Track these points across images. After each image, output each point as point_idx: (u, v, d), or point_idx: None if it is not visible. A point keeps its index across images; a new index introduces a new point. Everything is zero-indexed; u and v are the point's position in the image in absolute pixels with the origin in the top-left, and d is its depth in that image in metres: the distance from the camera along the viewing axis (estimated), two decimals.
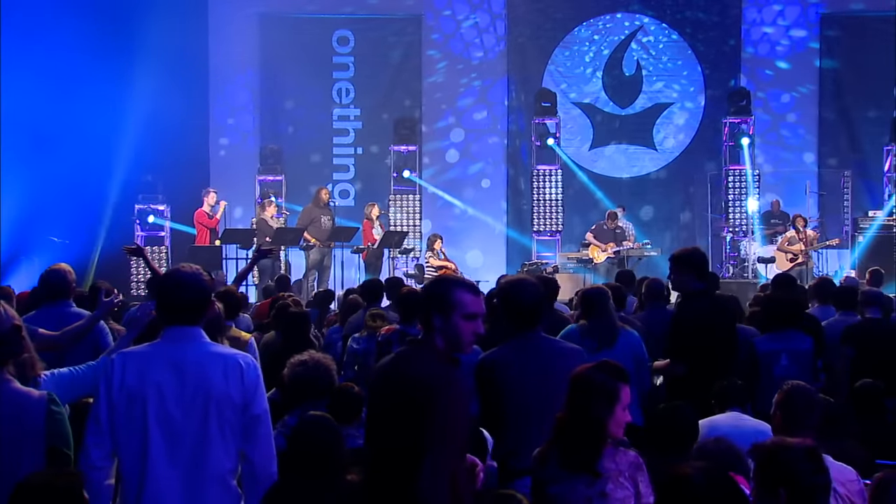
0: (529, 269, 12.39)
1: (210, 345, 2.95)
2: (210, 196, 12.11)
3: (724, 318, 4.85)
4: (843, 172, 14.74)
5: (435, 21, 16.05)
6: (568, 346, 3.83)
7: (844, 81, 15.56)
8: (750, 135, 14.47)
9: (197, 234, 11.95)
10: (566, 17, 15.86)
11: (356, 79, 15.81)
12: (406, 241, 13.10)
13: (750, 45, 15.84)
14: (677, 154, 15.93)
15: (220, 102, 15.73)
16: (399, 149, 14.72)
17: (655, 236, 15.29)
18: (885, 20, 15.47)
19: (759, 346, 5.27)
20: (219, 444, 2.84)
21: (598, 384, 2.90)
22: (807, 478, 2.36)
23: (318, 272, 11.81)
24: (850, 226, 14.06)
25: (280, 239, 11.50)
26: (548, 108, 14.80)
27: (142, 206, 12.78)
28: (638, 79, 15.97)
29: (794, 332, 5.27)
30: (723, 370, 4.66)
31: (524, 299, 3.71)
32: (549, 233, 14.67)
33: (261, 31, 15.60)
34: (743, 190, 14.25)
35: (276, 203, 13.05)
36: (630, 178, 15.93)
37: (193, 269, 2.94)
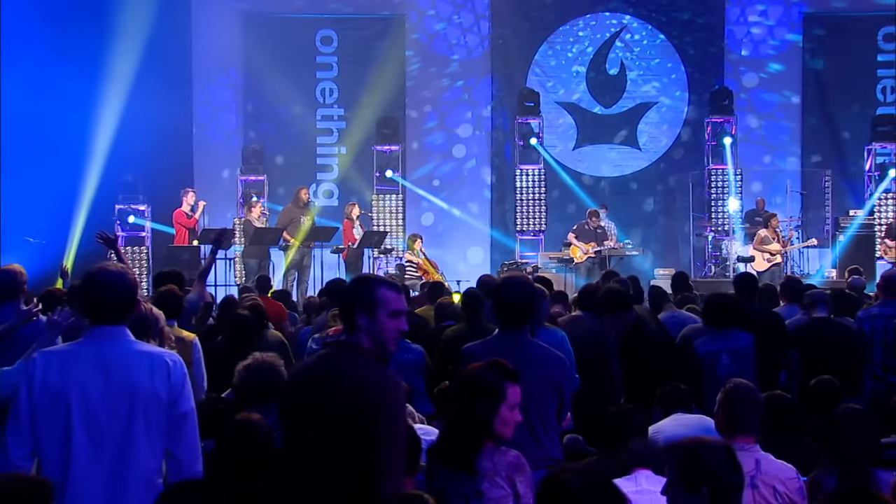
0: (509, 269, 12.38)
1: (136, 343, 2.94)
2: (189, 196, 12.09)
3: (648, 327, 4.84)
4: (825, 172, 14.76)
5: (419, 21, 16.03)
6: (552, 354, 3.79)
7: (827, 81, 15.59)
8: (732, 134, 14.49)
9: (176, 234, 11.92)
10: (550, 16, 15.86)
11: (340, 79, 15.79)
12: (386, 241, 13.09)
13: (733, 44, 15.86)
14: (661, 154, 15.94)
15: (204, 102, 15.70)
16: (382, 149, 14.71)
17: (638, 236, 15.32)
18: (867, 20, 15.54)
19: (699, 347, 5.28)
20: (144, 442, 2.82)
21: (485, 383, 2.88)
22: (727, 476, 2.38)
23: (298, 272, 11.79)
24: (830, 225, 14.08)
25: (260, 239, 11.47)
26: (531, 108, 14.81)
27: (122, 206, 12.75)
28: (622, 78, 15.98)
29: (733, 331, 5.27)
30: (662, 375, 4.66)
31: (514, 297, 3.70)
32: (532, 232, 14.68)
33: (244, 30, 15.56)
34: (725, 189, 14.26)
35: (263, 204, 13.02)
36: (614, 177, 15.94)
37: (118, 268, 2.93)
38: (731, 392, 3.48)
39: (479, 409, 2.84)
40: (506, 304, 3.66)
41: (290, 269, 11.76)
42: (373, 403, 2.62)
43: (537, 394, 3.53)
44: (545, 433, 3.51)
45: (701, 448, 2.41)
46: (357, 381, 2.65)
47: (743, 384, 3.51)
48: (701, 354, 5.35)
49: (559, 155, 15.85)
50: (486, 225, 15.81)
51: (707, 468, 2.37)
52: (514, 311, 3.64)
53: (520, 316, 3.64)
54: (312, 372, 2.77)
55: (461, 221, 15.65)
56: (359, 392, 2.64)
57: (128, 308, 2.90)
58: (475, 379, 2.91)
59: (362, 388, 2.64)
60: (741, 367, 5.31)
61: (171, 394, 2.87)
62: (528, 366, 3.53)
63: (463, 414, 2.88)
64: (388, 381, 2.70)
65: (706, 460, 2.38)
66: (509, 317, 3.65)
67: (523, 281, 3.81)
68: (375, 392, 2.63)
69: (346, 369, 2.69)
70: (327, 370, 2.73)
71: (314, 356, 2.85)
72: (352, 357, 2.72)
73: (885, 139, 14.19)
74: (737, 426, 3.45)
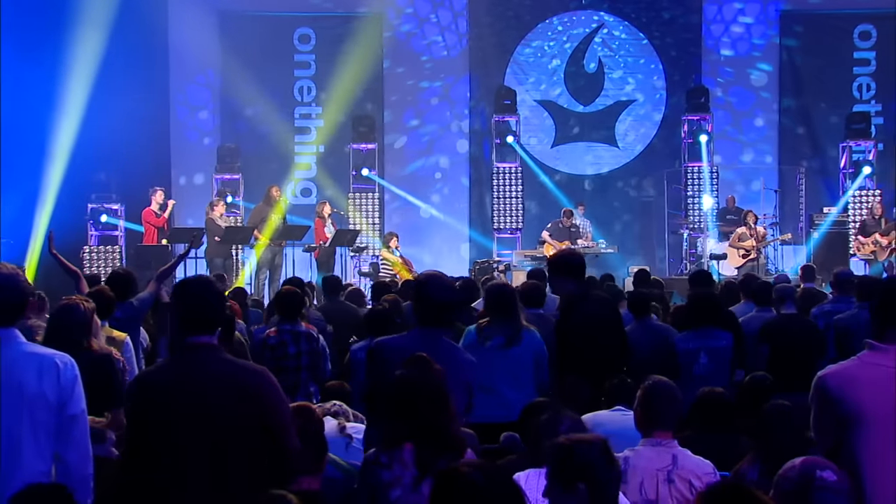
0: (481, 268, 12.39)
1: (26, 345, 2.92)
2: (158, 195, 12.06)
3: (605, 319, 4.80)
4: (799, 169, 14.80)
5: (396, 19, 16.02)
6: (465, 357, 3.78)
7: (804, 78, 15.64)
8: (708, 132, 14.51)
9: (145, 233, 11.90)
10: (528, 14, 15.86)
11: (318, 77, 15.75)
12: (359, 240, 13.08)
13: (711, 42, 15.88)
14: (639, 152, 15.96)
15: (181, 101, 15.67)
16: (358, 147, 14.70)
17: (616, 234, 15.35)
18: (843, 17, 15.59)
19: (678, 344, 5.29)
20: (31, 445, 2.80)
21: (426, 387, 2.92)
22: (603, 470, 2.39)
23: (270, 271, 11.78)
24: (804, 222, 14.13)
25: (230, 238, 11.46)
26: (508, 106, 14.82)
27: (94, 206, 12.72)
28: (600, 76, 16.00)
29: (712, 330, 5.29)
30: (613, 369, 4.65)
31: (434, 296, 3.70)
32: (509, 230, 14.69)
33: (221, 29, 15.52)
34: (701, 187, 14.29)
35: (232, 202, 12.99)
36: (592, 175, 15.95)
37: (9, 270, 2.92)
38: (649, 388, 3.49)
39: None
40: (426, 302, 3.66)
41: (261, 268, 11.75)
42: (262, 390, 2.76)
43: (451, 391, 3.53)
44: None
45: (575, 445, 2.41)
46: (241, 373, 2.79)
47: (662, 381, 3.52)
48: (679, 352, 5.36)
49: (537, 153, 15.86)
50: (465, 223, 15.82)
51: (582, 464, 2.37)
52: (434, 309, 3.63)
53: (439, 315, 3.63)
54: (184, 378, 2.79)
55: (439, 220, 15.65)
56: (245, 385, 2.78)
57: (20, 309, 2.89)
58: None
59: (248, 380, 2.79)
60: (718, 367, 5.34)
61: (60, 396, 2.84)
62: (444, 366, 3.52)
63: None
64: (257, 370, 2.86)
65: (581, 456, 2.38)
66: (428, 315, 3.65)
67: (445, 280, 3.81)
68: (262, 379, 2.76)
69: (223, 367, 2.82)
70: (204, 374, 2.79)
71: (163, 365, 2.88)
72: (220, 357, 2.84)
73: (859, 137, 14.24)
74: (654, 422, 3.46)
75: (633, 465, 3.40)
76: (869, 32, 15.57)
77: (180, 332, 2.86)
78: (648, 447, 3.43)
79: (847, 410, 2.78)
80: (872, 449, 2.74)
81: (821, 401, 2.85)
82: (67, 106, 12.61)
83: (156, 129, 14.85)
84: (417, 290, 3.79)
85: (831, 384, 2.82)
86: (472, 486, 2.04)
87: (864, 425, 2.75)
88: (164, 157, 15.13)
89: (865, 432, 2.75)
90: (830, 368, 2.93)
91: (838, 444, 2.83)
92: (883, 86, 15.48)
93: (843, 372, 2.86)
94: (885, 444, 2.73)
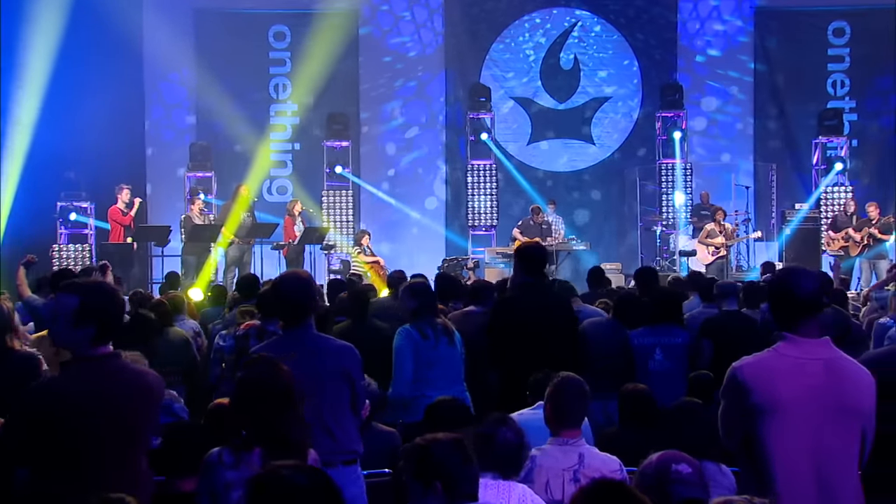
0: (450, 265, 12.40)
1: None
2: (124, 193, 12.02)
3: (546, 311, 4.78)
4: (771, 165, 14.84)
5: (372, 16, 16.00)
6: (341, 344, 3.76)
7: (779, 75, 15.67)
8: (682, 129, 14.53)
9: (111, 231, 11.87)
10: (503, 11, 15.85)
11: (293, 74, 15.71)
12: (328, 238, 13.07)
13: (686, 39, 15.90)
14: (615, 148, 15.97)
15: (156, 99, 15.63)
16: (332, 144, 14.68)
17: (592, 230, 15.38)
18: (817, 14, 15.63)
19: (634, 339, 5.30)
20: None
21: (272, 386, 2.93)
22: (459, 468, 2.40)
23: (238, 269, 11.76)
24: (776, 218, 14.17)
25: (197, 236, 11.43)
26: (482, 103, 14.82)
27: (64, 204, 12.69)
28: (576, 73, 16.01)
29: (668, 326, 5.30)
30: (552, 363, 4.63)
31: (290, 293, 3.67)
32: (484, 227, 14.69)
33: (196, 26, 15.50)
34: (674, 183, 14.32)
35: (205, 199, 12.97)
36: (568, 172, 15.97)
37: None
38: (557, 385, 3.49)
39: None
40: (283, 300, 3.66)
41: (230, 266, 11.73)
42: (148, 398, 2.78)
43: (327, 386, 3.53)
44: (338, 425, 3.51)
45: (430, 445, 2.42)
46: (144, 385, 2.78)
47: (571, 378, 3.53)
48: (634, 348, 5.37)
49: (513, 150, 15.87)
50: (441, 220, 15.81)
51: (438, 463, 2.38)
52: (292, 307, 3.63)
53: (298, 312, 3.62)
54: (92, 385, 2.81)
55: (415, 217, 15.64)
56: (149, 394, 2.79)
57: None
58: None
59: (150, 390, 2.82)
60: (674, 364, 5.34)
61: None
62: (316, 358, 3.53)
63: None
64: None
65: (436, 455, 2.39)
66: (289, 313, 3.65)
67: (300, 277, 3.81)
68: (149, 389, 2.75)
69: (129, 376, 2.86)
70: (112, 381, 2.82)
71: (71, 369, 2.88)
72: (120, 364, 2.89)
73: (831, 133, 14.27)
74: (563, 420, 3.47)
75: (540, 464, 3.41)
76: (843, 29, 15.60)
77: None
78: (555, 446, 3.44)
79: (760, 401, 2.77)
80: (783, 440, 2.74)
81: (734, 392, 2.84)
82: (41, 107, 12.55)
83: (130, 127, 14.82)
84: (273, 291, 3.77)
85: (746, 375, 2.82)
86: (293, 487, 2.04)
87: (776, 416, 2.75)
88: (139, 155, 15.10)
89: (777, 424, 2.75)
90: (745, 360, 2.91)
91: (747, 438, 2.83)
92: (857, 82, 15.52)
93: (757, 363, 2.86)
94: (795, 436, 2.74)
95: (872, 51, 15.28)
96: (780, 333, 2.85)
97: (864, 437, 2.79)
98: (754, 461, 2.76)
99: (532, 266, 4.76)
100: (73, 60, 13.37)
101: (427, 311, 4.86)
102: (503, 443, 3.05)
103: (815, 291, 2.85)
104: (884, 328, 5.51)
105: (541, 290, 4.76)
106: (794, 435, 2.73)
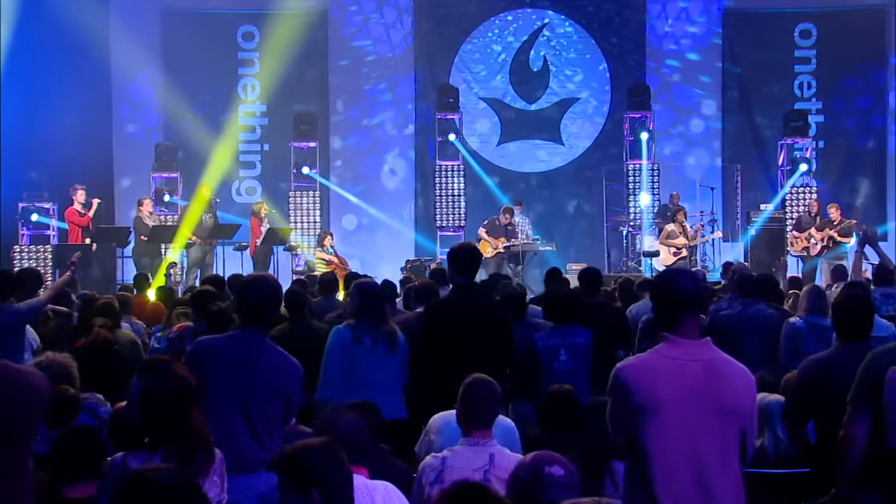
0: (413, 266, 12.38)
1: None
2: (79, 194, 11.92)
3: (479, 313, 4.73)
4: (735, 166, 14.92)
5: (341, 16, 15.96)
6: (287, 361, 3.72)
7: (747, 76, 15.75)
8: (649, 129, 14.57)
9: (70, 232, 11.78)
10: (473, 12, 15.84)
11: (262, 75, 15.63)
12: (291, 238, 13.02)
13: (654, 40, 15.96)
14: (584, 149, 16.00)
15: (123, 100, 15.51)
16: (299, 145, 14.63)
17: (562, 231, 15.40)
18: (784, 16, 15.73)
19: (539, 341, 5.28)
20: None
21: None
22: (332, 471, 2.37)
23: (201, 270, 11.69)
24: (741, 219, 14.24)
25: (156, 237, 11.35)
26: (451, 104, 14.80)
27: (25, 205, 12.58)
28: (545, 74, 16.02)
29: (572, 327, 5.28)
30: (485, 366, 4.61)
31: (255, 297, 3.67)
32: (452, 228, 14.68)
33: (164, 26, 15.41)
34: (640, 184, 14.36)
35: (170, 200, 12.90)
36: (537, 173, 15.98)
37: None
38: (469, 386, 3.48)
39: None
40: (246, 302, 3.63)
41: (192, 267, 11.66)
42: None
43: (262, 396, 3.54)
44: (268, 435, 3.52)
45: (300, 453, 2.40)
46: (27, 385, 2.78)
47: (481, 379, 3.51)
48: (539, 349, 5.36)
49: (483, 151, 15.86)
50: (410, 222, 15.79)
51: (311, 470, 2.35)
52: (254, 310, 3.61)
53: (259, 316, 3.61)
54: None
55: (385, 218, 15.60)
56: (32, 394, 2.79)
57: None
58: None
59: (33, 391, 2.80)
60: (578, 364, 5.33)
61: None
62: (260, 368, 3.54)
63: None
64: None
65: (308, 462, 2.36)
66: (248, 316, 3.62)
67: (269, 281, 3.79)
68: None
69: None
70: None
71: None
72: None
73: (797, 134, 14.36)
74: (473, 420, 3.45)
75: (450, 464, 3.39)
76: (809, 31, 15.70)
77: None
78: (466, 447, 3.43)
79: (641, 401, 2.77)
80: (663, 440, 2.74)
81: (618, 392, 2.85)
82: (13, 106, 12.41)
83: (97, 127, 14.70)
84: (239, 292, 3.76)
85: (628, 375, 2.82)
86: (155, 488, 2.03)
87: (656, 417, 2.76)
88: (105, 155, 14.99)
89: (657, 424, 2.75)
90: (628, 360, 2.94)
91: (631, 437, 2.83)
92: (823, 84, 15.63)
93: (640, 364, 2.87)
94: (674, 436, 2.74)
95: (839, 52, 15.40)
96: (661, 335, 2.85)
97: (744, 437, 2.79)
98: (637, 460, 2.75)
99: (464, 267, 4.73)
100: (37, 60, 13.29)
101: (367, 312, 4.80)
102: (347, 428, 3.04)
103: (693, 292, 2.86)
104: (793, 327, 5.52)
105: (474, 293, 4.73)
106: (673, 435, 2.73)
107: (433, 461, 3.41)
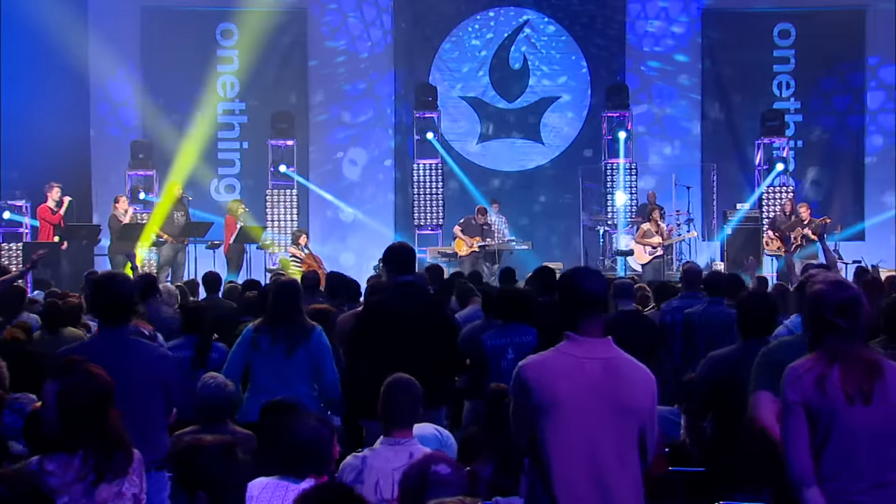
0: None
1: None
2: (53, 191, 11.87)
3: (416, 314, 4.64)
4: (712, 165, 14.94)
5: (321, 14, 15.93)
6: (156, 352, 3.76)
7: (726, 75, 15.75)
8: (627, 129, 14.57)
9: (41, 230, 11.73)
10: (453, 11, 15.81)
11: (241, 72, 15.59)
12: (264, 237, 12.99)
13: (634, 39, 15.96)
14: (564, 148, 15.99)
15: (101, 97, 15.46)
16: (276, 143, 14.60)
17: (541, 229, 15.40)
18: (763, 16, 15.75)
19: (486, 341, 5.28)
20: None
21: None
22: (224, 477, 2.35)
23: (172, 269, 11.66)
24: (717, 218, 14.27)
25: (127, 234, 11.32)
26: (429, 103, 14.78)
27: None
28: (525, 73, 16.01)
29: (519, 326, 5.29)
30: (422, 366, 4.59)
31: (112, 295, 3.63)
32: (430, 227, 14.67)
33: (143, 23, 15.36)
34: (616, 184, 14.36)
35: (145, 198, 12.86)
36: (517, 171, 15.97)
37: None
38: (389, 386, 3.47)
39: None
40: (103, 301, 3.61)
41: (163, 266, 11.63)
42: None
43: (143, 392, 3.52)
44: (152, 432, 3.50)
45: (195, 452, 2.37)
46: None
47: (402, 378, 3.50)
48: (487, 349, 5.36)
49: (462, 149, 15.85)
50: (390, 220, 15.76)
51: (202, 471, 2.33)
52: (112, 308, 3.59)
53: (118, 313, 3.59)
54: None
55: (364, 217, 15.58)
56: None
57: None
58: None
59: None
60: None
61: None
62: (130, 367, 3.50)
63: None
64: None
65: (200, 463, 2.34)
66: (107, 314, 3.61)
67: (123, 278, 3.79)
68: None
69: None
70: None
71: None
72: None
73: (774, 133, 14.37)
74: (393, 420, 3.45)
75: (370, 464, 3.39)
76: (788, 31, 15.71)
77: None
78: (386, 446, 3.42)
79: (540, 399, 2.77)
80: (561, 438, 2.74)
81: (519, 390, 2.85)
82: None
83: (74, 124, 14.65)
84: (96, 289, 3.73)
85: (528, 373, 2.82)
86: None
87: (554, 415, 2.75)
88: (83, 153, 14.94)
89: (556, 422, 2.75)
90: (530, 358, 2.92)
91: (532, 436, 2.83)
92: (802, 83, 15.64)
93: (541, 362, 2.86)
94: (573, 434, 2.74)
95: (817, 52, 15.42)
96: (565, 333, 2.84)
97: (643, 436, 2.79)
98: (537, 459, 2.75)
99: (401, 266, 4.72)
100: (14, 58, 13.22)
101: (276, 312, 4.81)
102: (295, 437, 3.01)
103: (596, 291, 2.86)
104: None
105: (412, 292, 4.71)
106: (571, 433, 2.72)
107: (353, 461, 3.40)
